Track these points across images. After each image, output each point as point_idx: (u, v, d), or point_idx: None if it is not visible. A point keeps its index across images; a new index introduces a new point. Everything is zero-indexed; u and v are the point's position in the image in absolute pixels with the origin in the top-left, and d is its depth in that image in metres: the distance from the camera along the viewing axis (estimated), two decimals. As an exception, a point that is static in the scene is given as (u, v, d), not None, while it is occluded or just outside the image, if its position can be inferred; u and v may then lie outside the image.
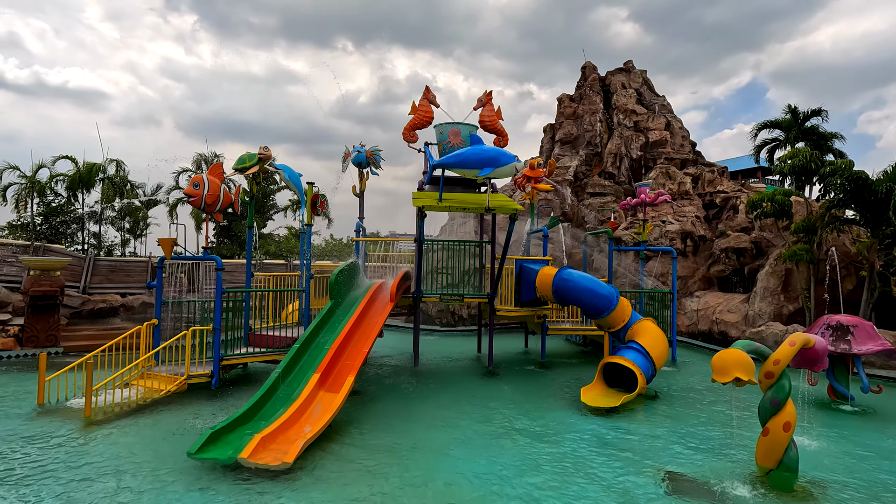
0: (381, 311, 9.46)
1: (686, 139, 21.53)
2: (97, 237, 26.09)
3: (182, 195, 23.98)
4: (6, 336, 12.37)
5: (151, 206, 28.07)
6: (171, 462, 5.84)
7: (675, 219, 17.73)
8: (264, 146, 10.07)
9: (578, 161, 21.35)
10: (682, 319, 15.82)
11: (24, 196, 23.35)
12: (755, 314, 14.23)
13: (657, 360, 9.18)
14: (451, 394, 9.19)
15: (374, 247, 13.41)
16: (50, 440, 6.49)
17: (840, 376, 8.79)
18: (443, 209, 10.05)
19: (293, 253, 27.67)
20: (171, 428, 7.07)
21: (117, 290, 15.61)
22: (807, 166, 13.77)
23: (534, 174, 11.67)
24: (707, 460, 6.20)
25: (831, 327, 8.71)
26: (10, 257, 14.49)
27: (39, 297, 12.39)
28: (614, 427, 7.40)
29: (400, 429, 7.17)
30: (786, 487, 5.40)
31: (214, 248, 27.91)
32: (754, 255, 16.18)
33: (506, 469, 5.83)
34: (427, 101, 10.70)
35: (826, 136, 18.98)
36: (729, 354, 5.38)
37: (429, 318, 18.04)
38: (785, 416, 5.48)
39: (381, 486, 5.33)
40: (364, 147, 11.87)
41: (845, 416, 8.19)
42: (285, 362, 7.86)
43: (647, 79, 23.75)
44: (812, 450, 6.58)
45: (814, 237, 13.50)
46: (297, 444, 5.98)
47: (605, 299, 9.57)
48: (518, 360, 12.60)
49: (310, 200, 10.76)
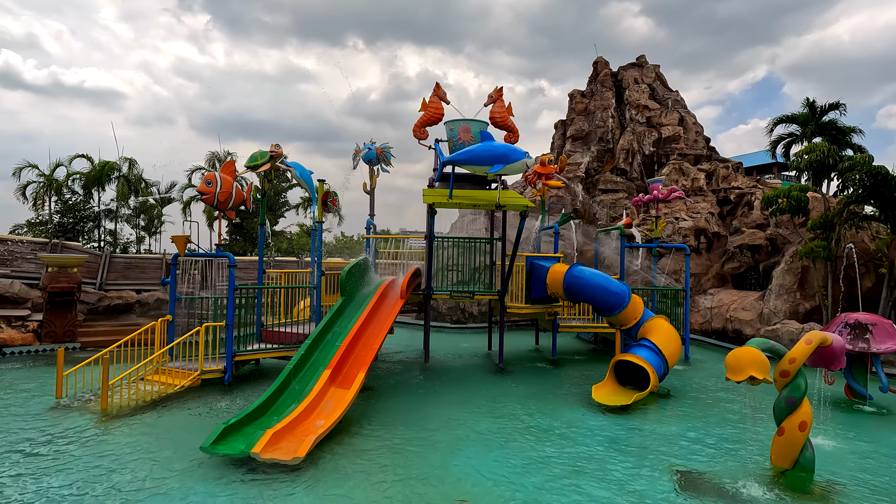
0: (392, 308, 9.48)
1: (700, 135, 21.23)
2: (113, 234, 26.52)
3: (195, 193, 24.24)
4: (25, 331, 12.63)
5: (166, 204, 28.46)
6: (184, 456, 5.92)
7: (689, 215, 17.51)
8: (276, 144, 10.14)
9: (590, 157, 21.17)
10: (696, 317, 15.64)
11: (42, 194, 23.82)
12: (770, 312, 14.02)
13: (670, 359, 9.09)
14: (461, 390, 9.19)
15: (385, 244, 13.44)
16: (67, 433, 6.62)
17: (858, 375, 8.62)
18: (453, 206, 10.03)
19: (305, 250, 27.86)
20: (184, 422, 7.18)
21: (133, 287, 15.85)
22: (824, 161, 13.50)
23: (545, 171, 11.57)
24: (720, 460, 6.13)
25: (849, 325, 8.55)
26: (29, 254, 14.77)
27: (57, 294, 12.62)
28: (626, 425, 7.35)
29: (410, 425, 7.19)
30: (802, 488, 5.32)
31: (227, 245, 28.23)
32: (769, 252, 15.93)
33: (516, 466, 5.81)
34: (437, 97, 10.67)
35: (844, 131, 18.59)
36: (743, 352, 5.30)
37: (439, 315, 18.05)
38: (801, 415, 5.40)
39: (391, 483, 5.35)
40: (374, 144, 11.89)
41: (863, 416, 8.04)
42: (297, 358, 7.92)
43: (660, 73, 23.44)
44: (829, 450, 6.46)
45: (831, 234, 13.25)
46: (308, 439, 6.02)
47: (616, 296, 9.49)
48: (528, 357, 12.57)
49: (321, 197, 10.82)
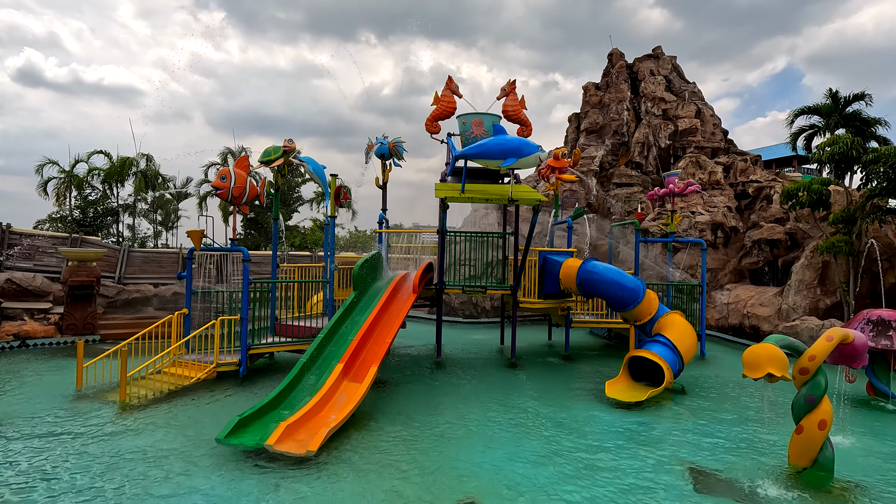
0: (405, 303, 9.49)
1: (717, 127, 20.81)
2: (131, 229, 27.00)
3: (210, 188, 24.56)
4: (47, 324, 12.94)
5: (182, 199, 28.88)
6: (199, 447, 6.01)
7: (706, 209, 17.21)
8: (289, 139, 10.19)
9: (604, 151, 20.90)
10: (712, 313, 15.40)
11: (63, 190, 24.32)
12: (789, 308, 13.74)
13: (685, 355, 8.96)
14: (473, 385, 9.18)
15: (398, 238, 13.46)
16: (86, 423, 6.77)
17: (881, 373, 8.41)
18: (465, 200, 9.98)
19: (318, 245, 28.06)
20: (199, 414, 7.29)
21: (150, 281, 16.13)
22: (847, 154, 13.12)
23: (558, 164, 11.47)
24: (736, 457, 6.03)
25: (872, 322, 8.33)
26: (50, 248, 15.11)
27: (77, 287, 12.89)
28: (639, 421, 7.27)
29: (422, 419, 7.21)
30: (820, 487, 5.21)
31: (241, 239, 28.54)
32: (789, 246, 15.59)
33: (527, 461, 5.79)
34: (450, 91, 10.61)
35: (869, 122, 18.03)
36: (761, 349, 5.19)
37: (451, 310, 18.05)
38: (820, 413, 5.28)
39: (402, 477, 5.37)
40: (387, 139, 11.88)
41: (885, 415, 7.85)
42: (310, 352, 7.97)
43: (676, 65, 23.00)
44: (849, 449, 6.32)
45: (853, 228, 12.91)
46: (321, 432, 6.07)
47: (631, 292, 9.37)
48: (541, 352, 12.51)
49: (333, 192, 10.85)
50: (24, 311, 12.95)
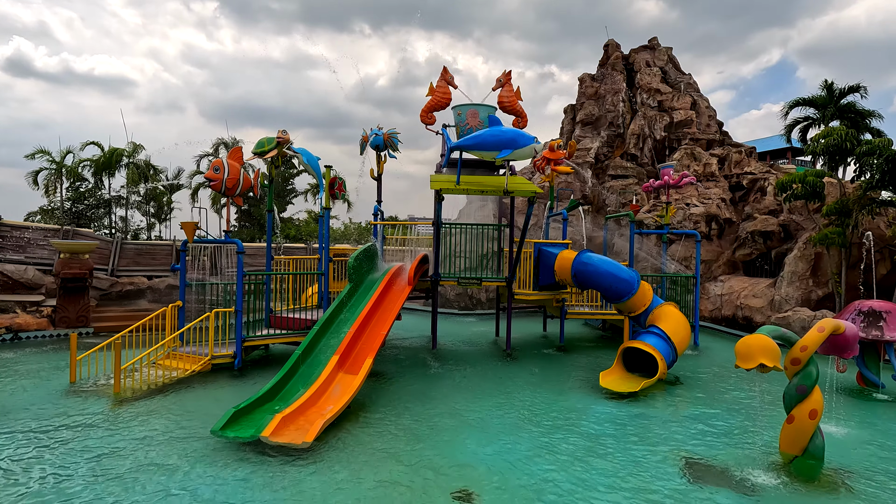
0: (400, 294, 9.49)
1: (713, 119, 20.82)
2: (124, 221, 26.78)
3: (203, 179, 24.37)
4: (40, 316, 12.85)
5: (174, 191, 28.63)
6: (195, 439, 6.01)
7: (700, 201, 17.25)
8: (282, 130, 10.10)
9: (600, 142, 20.87)
10: (706, 304, 15.51)
11: (53, 181, 24.05)
12: (782, 299, 13.85)
13: (679, 346, 9.03)
14: (468, 376, 9.22)
15: (393, 230, 13.41)
16: (81, 416, 6.75)
17: (871, 363, 8.51)
18: (461, 192, 9.95)
19: (313, 237, 27.96)
20: (195, 406, 7.28)
21: (144, 273, 16.02)
22: (842, 146, 13.17)
23: (553, 156, 11.46)
24: (728, 447, 6.10)
25: (863, 313, 8.41)
26: (42, 240, 14.96)
27: (70, 280, 12.80)
28: (633, 412, 7.33)
29: (417, 410, 7.24)
30: (810, 475, 5.28)
31: (235, 231, 28.38)
32: (782, 238, 15.69)
33: (523, 452, 5.83)
34: (445, 82, 10.53)
35: (863, 114, 18.08)
36: (754, 340, 5.23)
37: (447, 302, 18.07)
38: (811, 403, 5.33)
39: (398, 467, 5.39)
40: (382, 130, 11.80)
41: (875, 405, 7.95)
42: (305, 344, 7.97)
43: (672, 56, 22.93)
44: (839, 438, 6.41)
45: (847, 220, 12.98)
46: (317, 423, 6.08)
47: (625, 283, 9.41)
48: (536, 343, 12.56)
49: (328, 184, 10.78)
50: (16, 304, 12.85)
